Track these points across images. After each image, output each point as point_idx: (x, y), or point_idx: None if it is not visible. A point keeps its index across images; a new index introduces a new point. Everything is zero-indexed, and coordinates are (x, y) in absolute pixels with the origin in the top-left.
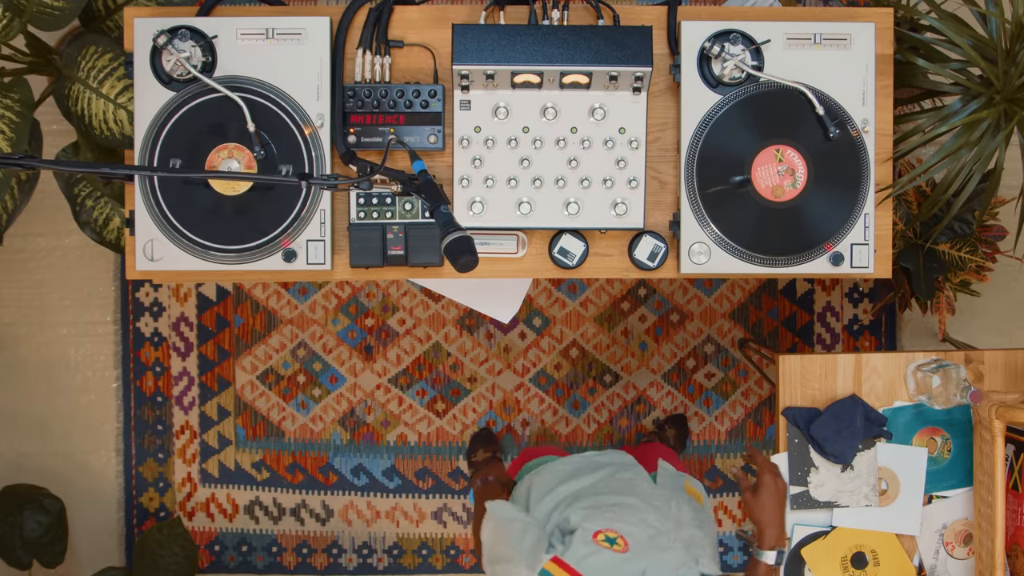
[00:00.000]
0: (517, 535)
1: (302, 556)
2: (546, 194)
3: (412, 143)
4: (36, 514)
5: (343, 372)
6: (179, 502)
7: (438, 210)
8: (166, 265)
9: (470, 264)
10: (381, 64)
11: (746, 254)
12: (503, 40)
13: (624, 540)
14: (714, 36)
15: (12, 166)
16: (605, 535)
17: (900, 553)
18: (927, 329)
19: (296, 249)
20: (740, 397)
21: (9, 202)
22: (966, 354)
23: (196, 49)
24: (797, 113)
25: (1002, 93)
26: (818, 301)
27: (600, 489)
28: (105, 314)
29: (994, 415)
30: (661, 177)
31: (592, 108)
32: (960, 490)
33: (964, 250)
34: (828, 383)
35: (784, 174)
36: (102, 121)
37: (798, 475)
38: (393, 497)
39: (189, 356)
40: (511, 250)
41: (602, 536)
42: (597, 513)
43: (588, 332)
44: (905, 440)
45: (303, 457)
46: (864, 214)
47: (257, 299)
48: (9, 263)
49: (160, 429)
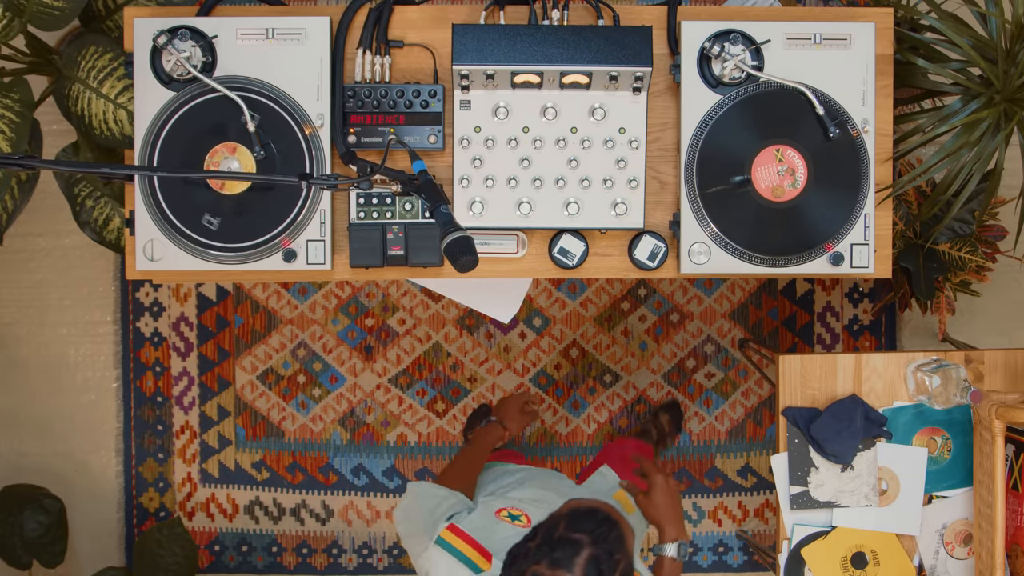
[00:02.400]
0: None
1: (302, 556)
2: (546, 194)
3: (412, 143)
4: (36, 514)
5: (343, 372)
6: (179, 502)
7: (438, 210)
8: (166, 265)
9: (470, 264)
10: (381, 64)
11: (746, 254)
12: (503, 40)
13: (528, 517)
14: (714, 36)
15: (12, 166)
16: (509, 512)
17: (900, 553)
18: (927, 329)
19: (296, 249)
20: (740, 397)
21: (9, 202)
22: (966, 354)
23: (196, 49)
24: (797, 113)
25: (1002, 93)
26: (818, 301)
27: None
28: (105, 314)
29: (994, 415)
30: (661, 177)
31: (592, 108)
32: (960, 490)
33: (964, 250)
34: (828, 383)
35: (784, 174)
36: (102, 121)
37: (798, 475)
38: (393, 497)
39: (189, 356)
40: (511, 250)
41: (505, 513)
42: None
43: (588, 332)
44: (905, 440)
45: (303, 457)
46: (864, 214)
47: (257, 299)
48: (9, 263)
49: (160, 429)
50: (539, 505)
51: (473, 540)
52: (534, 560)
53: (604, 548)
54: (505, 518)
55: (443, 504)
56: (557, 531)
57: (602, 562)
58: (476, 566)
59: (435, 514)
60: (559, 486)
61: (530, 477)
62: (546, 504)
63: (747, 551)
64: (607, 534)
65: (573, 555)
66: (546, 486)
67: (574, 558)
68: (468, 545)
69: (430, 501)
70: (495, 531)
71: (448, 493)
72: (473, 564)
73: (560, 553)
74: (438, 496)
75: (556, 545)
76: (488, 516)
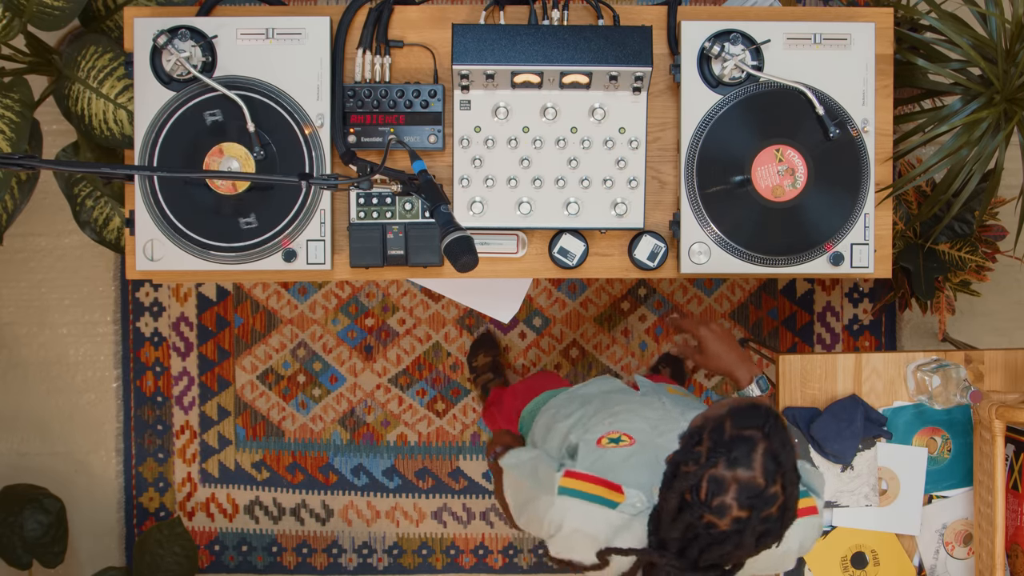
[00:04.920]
0: (530, 472)
1: (302, 556)
2: (546, 194)
3: (412, 143)
4: (36, 514)
5: (343, 372)
6: (179, 502)
7: (438, 210)
8: (166, 265)
9: (470, 264)
10: (381, 64)
11: (746, 254)
12: (503, 40)
13: (629, 436)
14: (714, 36)
15: (12, 166)
16: (608, 437)
17: (900, 553)
18: (927, 329)
19: (296, 249)
20: None
21: (9, 202)
22: (966, 354)
23: (196, 49)
24: (797, 113)
25: (1002, 93)
26: (818, 301)
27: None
28: (105, 314)
29: (994, 415)
30: (661, 177)
31: (592, 108)
32: (960, 490)
33: (964, 250)
34: (828, 383)
35: (784, 174)
36: (102, 121)
37: None
38: (393, 497)
39: (189, 356)
40: (511, 250)
41: (605, 439)
42: (595, 425)
43: (588, 332)
44: (905, 440)
45: (303, 457)
46: (864, 214)
47: (257, 299)
48: (9, 263)
49: (160, 429)
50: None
51: (595, 477)
52: (709, 464)
53: (778, 439)
54: (609, 444)
55: (542, 461)
56: (726, 432)
57: (779, 454)
58: (610, 501)
59: (540, 471)
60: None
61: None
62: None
63: None
64: (775, 425)
65: (749, 451)
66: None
67: (751, 454)
68: (593, 484)
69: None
70: (608, 460)
71: (535, 453)
72: (606, 500)
73: (737, 452)
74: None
75: (731, 445)
76: (593, 450)
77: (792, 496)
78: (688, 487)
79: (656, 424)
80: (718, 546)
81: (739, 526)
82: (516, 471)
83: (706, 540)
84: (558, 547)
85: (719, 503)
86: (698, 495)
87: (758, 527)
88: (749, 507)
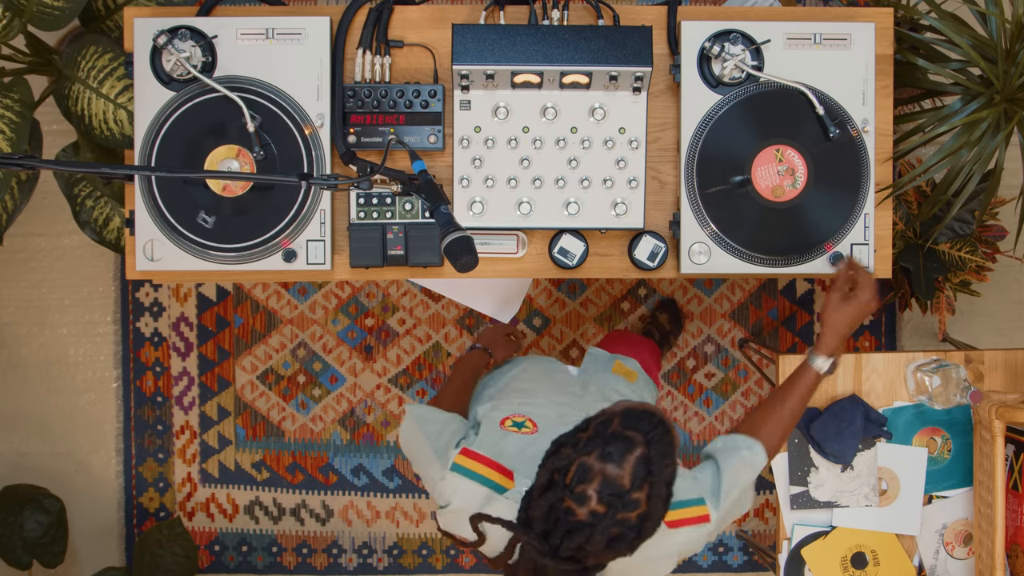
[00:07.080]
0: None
1: (302, 556)
2: (546, 194)
3: (412, 143)
4: (36, 514)
5: (343, 372)
6: (179, 502)
7: (438, 210)
8: (166, 265)
9: (470, 264)
10: (381, 64)
11: (746, 254)
12: (503, 40)
13: (532, 422)
14: (714, 36)
15: (12, 166)
16: (512, 420)
17: (900, 553)
18: (927, 329)
19: (296, 249)
20: (740, 397)
21: (9, 202)
22: (966, 354)
23: (196, 49)
24: (797, 113)
25: (1002, 93)
26: (818, 301)
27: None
28: (105, 314)
29: (994, 415)
30: (661, 177)
31: (592, 108)
32: (960, 490)
33: (964, 250)
34: (828, 383)
35: (784, 174)
36: (102, 121)
37: (798, 475)
38: (393, 497)
39: (189, 356)
40: (511, 250)
41: (509, 422)
42: (503, 403)
43: (588, 332)
44: (905, 440)
45: (303, 457)
46: (864, 214)
47: (257, 299)
48: (9, 263)
49: (160, 429)
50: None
51: (490, 460)
52: (584, 451)
53: (657, 449)
54: (511, 428)
55: (447, 428)
56: (611, 426)
57: (653, 463)
58: (499, 486)
59: (442, 439)
60: (552, 372)
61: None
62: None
63: (747, 551)
64: (661, 437)
65: (625, 451)
66: (538, 378)
67: (626, 454)
68: (486, 466)
69: (433, 425)
70: (506, 445)
71: (449, 417)
72: (496, 484)
73: (613, 448)
74: (440, 420)
75: (610, 439)
76: (495, 431)
77: (656, 509)
78: (559, 468)
79: (564, 413)
80: (576, 534)
81: (594, 520)
82: (421, 424)
83: (564, 527)
84: (446, 520)
85: (581, 491)
86: (564, 477)
87: (612, 527)
88: (608, 503)
